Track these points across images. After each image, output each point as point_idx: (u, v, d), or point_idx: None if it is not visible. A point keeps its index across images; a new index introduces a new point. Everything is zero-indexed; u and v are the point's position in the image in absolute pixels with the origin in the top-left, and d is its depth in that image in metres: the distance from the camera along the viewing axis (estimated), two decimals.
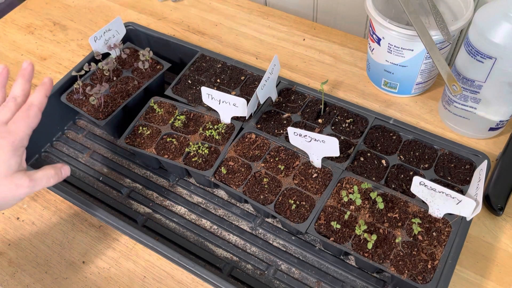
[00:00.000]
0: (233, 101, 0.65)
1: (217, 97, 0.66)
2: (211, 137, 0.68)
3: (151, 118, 0.72)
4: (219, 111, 0.69)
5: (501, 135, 0.70)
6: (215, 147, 0.67)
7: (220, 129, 0.68)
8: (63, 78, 0.76)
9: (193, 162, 0.65)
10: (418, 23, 0.61)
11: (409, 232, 0.56)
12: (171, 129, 0.70)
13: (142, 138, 0.69)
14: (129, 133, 0.69)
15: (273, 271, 0.61)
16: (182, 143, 0.68)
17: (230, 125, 0.69)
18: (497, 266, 0.58)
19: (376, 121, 0.68)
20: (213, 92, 0.66)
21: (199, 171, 0.64)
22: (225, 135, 0.68)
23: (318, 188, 0.61)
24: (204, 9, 0.95)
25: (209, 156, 0.66)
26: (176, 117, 0.70)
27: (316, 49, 0.85)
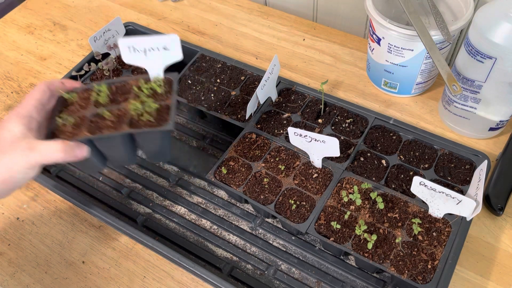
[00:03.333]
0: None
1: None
2: (152, 94, 0.53)
3: (68, 110, 0.54)
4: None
5: (501, 135, 0.70)
6: (161, 103, 0.52)
7: (158, 83, 0.53)
8: (63, 78, 0.76)
9: (143, 122, 0.50)
10: (418, 23, 0.61)
11: (409, 232, 0.56)
12: (95, 107, 0.53)
13: (67, 128, 0.52)
14: (49, 134, 0.52)
15: (273, 271, 0.61)
16: (119, 114, 0.51)
17: (166, 80, 0.54)
18: (497, 266, 0.58)
19: (376, 121, 0.68)
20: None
21: (152, 129, 0.49)
22: (166, 89, 0.53)
23: (318, 188, 0.61)
24: (204, 9, 0.95)
25: (160, 111, 0.51)
26: (96, 92, 0.54)
27: (316, 49, 0.85)
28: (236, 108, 0.72)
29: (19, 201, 0.68)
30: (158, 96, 0.52)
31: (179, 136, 0.77)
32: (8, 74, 0.87)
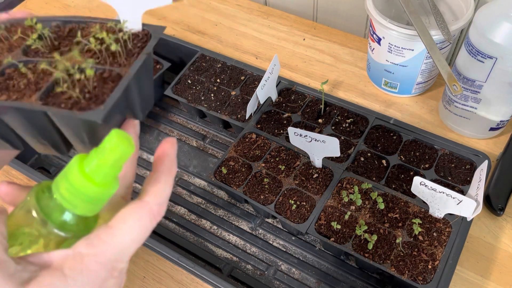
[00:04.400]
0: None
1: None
2: (101, 51, 0.34)
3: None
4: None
5: (502, 135, 0.70)
6: (109, 69, 0.32)
7: (127, 33, 0.34)
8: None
9: (62, 98, 0.30)
10: (419, 23, 0.61)
11: (410, 232, 0.56)
12: (23, 55, 0.35)
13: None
14: None
15: (273, 272, 0.61)
16: (44, 73, 0.33)
17: (142, 33, 0.35)
18: (497, 266, 0.58)
19: (376, 121, 0.68)
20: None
21: (70, 112, 0.28)
22: (131, 49, 0.34)
23: (318, 188, 0.61)
24: (204, 8, 0.95)
25: (99, 84, 0.31)
26: (34, 34, 0.36)
27: (316, 49, 0.85)
28: (236, 108, 0.72)
29: None
30: (116, 58, 0.33)
31: (179, 136, 0.77)
32: None
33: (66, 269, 0.25)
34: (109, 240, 0.27)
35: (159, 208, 0.29)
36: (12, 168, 0.70)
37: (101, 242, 0.27)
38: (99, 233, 0.27)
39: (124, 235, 0.27)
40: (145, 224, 0.28)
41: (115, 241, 0.27)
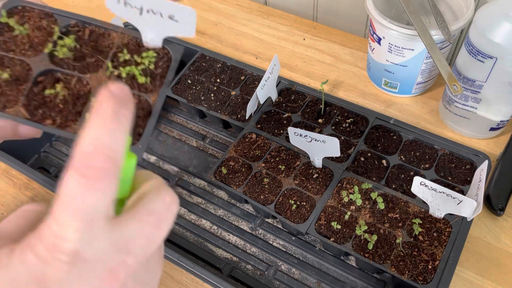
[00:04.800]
0: None
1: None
2: (130, 77, 0.36)
3: (7, 44, 0.38)
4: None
5: (502, 135, 0.70)
6: (143, 97, 0.35)
7: (149, 59, 0.37)
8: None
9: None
10: (419, 23, 0.61)
11: (410, 232, 0.56)
12: (52, 63, 0.37)
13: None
14: None
15: (273, 272, 0.61)
16: (76, 92, 0.36)
17: (163, 52, 0.37)
18: (497, 266, 0.58)
19: (376, 121, 0.68)
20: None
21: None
22: (157, 74, 0.36)
23: (318, 188, 0.61)
24: (203, 8, 0.95)
25: (136, 119, 0.34)
26: (55, 36, 0.38)
27: (316, 49, 0.85)
28: (236, 108, 0.72)
29: (18, 201, 0.68)
30: (147, 78, 0.36)
31: (179, 136, 0.77)
32: None
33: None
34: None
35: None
36: (12, 168, 0.69)
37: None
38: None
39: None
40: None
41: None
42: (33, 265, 0.21)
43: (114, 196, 0.23)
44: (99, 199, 0.22)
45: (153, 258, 0.26)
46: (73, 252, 0.21)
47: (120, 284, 0.23)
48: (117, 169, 0.23)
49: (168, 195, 0.26)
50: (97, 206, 0.22)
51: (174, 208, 0.26)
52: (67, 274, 0.21)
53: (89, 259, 0.22)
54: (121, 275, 0.23)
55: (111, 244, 0.23)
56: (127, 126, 0.24)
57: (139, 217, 0.24)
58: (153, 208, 0.25)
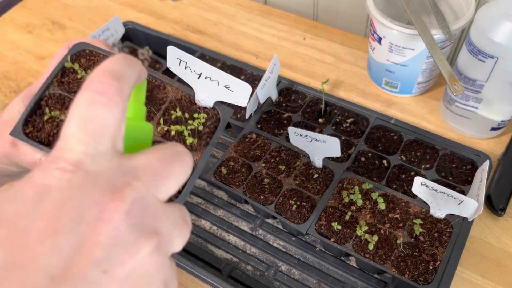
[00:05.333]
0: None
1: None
2: (180, 135, 0.39)
3: (70, 85, 0.40)
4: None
5: (503, 135, 0.69)
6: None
7: (200, 120, 0.39)
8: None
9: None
10: (419, 22, 0.61)
11: (411, 233, 0.56)
12: None
13: (52, 126, 0.39)
14: (29, 116, 0.40)
15: (273, 272, 0.61)
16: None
17: (212, 112, 0.40)
18: (498, 266, 0.58)
19: (377, 121, 0.68)
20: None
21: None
22: (203, 134, 0.39)
23: (319, 188, 0.61)
24: (203, 8, 0.95)
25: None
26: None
27: (317, 49, 0.85)
28: (236, 107, 0.72)
29: None
30: (195, 139, 0.38)
31: None
32: (7, 74, 0.86)
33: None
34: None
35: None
36: None
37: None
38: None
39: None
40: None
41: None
42: (36, 178, 0.21)
43: (121, 123, 0.23)
44: (105, 115, 0.22)
45: (174, 208, 0.24)
46: (76, 162, 0.21)
47: (125, 203, 0.21)
48: (123, 91, 0.23)
49: (179, 146, 0.25)
50: (103, 123, 0.22)
51: (187, 157, 0.24)
52: (68, 182, 0.20)
53: (92, 172, 0.21)
54: (126, 193, 0.21)
55: (117, 166, 0.22)
56: (137, 68, 0.25)
57: (146, 153, 0.23)
58: (161, 148, 0.24)
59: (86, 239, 0.19)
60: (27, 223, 0.19)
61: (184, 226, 0.24)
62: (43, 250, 0.19)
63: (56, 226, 0.19)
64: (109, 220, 0.20)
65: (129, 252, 0.20)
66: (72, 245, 0.19)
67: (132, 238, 0.20)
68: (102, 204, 0.20)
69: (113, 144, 0.22)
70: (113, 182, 0.21)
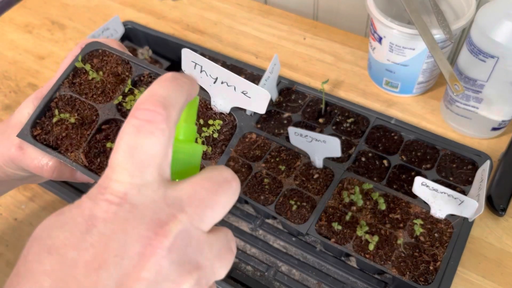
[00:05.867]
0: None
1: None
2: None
3: (81, 87, 0.39)
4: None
5: (504, 135, 0.69)
6: (202, 163, 0.37)
7: (215, 127, 0.38)
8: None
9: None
10: (420, 22, 0.61)
11: (411, 233, 0.56)
12: (118, 112, 0.38)
13: (61, 129, 0.38)
14: (38, 117, 0.38)
15: (273, 273, 0.61)
16: None
17: (229, 118, 0.39)
18: (499, 267, 0.57)
19: (377, 121, 0.68)
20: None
21: None
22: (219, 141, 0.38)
23: (319, 188, 0.61)
24: (203, 7, 0.94)
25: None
26: (126, 89, 0.39)
27: (317, 48, 0.84)
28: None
29: (16, 201, 0.68)
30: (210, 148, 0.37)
31: None
32: (6, 74, 0.86)
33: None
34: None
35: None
36: None
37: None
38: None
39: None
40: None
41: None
42: (85, 207, 0.21)
43: (168, 150, 0.23)
44: (152, 144, 0.22)
45: (218, 236, 0.24)
46: (122, 194, 0.21)
47: (168, 239, 0.21)
48: (171, 118, 0.23)
49: (227, 171, 0.25)
50: (150, 153, 0.22)
51: (234, 184, 0.24)
52: (114, 215, 0.21)
53: (138, 205, 0.21)
54: (170, 228, 0.21)
55: (163, 197, 0.22)
56: (186, 90, 0.24)
57: (193, 181, 0.23)
58: (209, 175, 0.24)
59: (129, 274, 0.20)
60: (75, 255, 0.20)
61: (227, 254, 0.24)
62: (88, 284, 0.19)
63: (101, 260, 0.20)
64: (152, 255, 0.20)
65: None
66: (115, 280, 0.20)
67: (174, 274, 0.21)
68: (146, 239, 0.21)
69: (160, 172, 0.22)
70: (158, 216, 0.21)
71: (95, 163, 0.37)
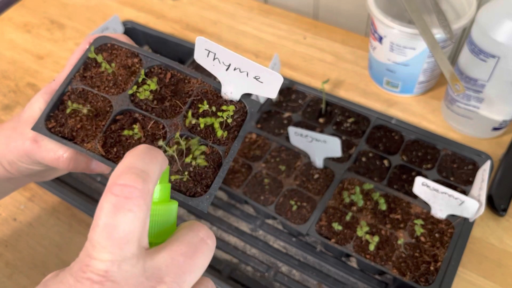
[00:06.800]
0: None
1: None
2: (208, 129, 0.38)
3: (93, 80, 0.40)
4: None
5: (504, 135, 0.69)
6: (216, 148, 0.37)
7: (229, 112, 0.38)
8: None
9: (173, 182, 0.36)
10: (421, 22, 0.60)
11: (412, 233, 0.56)
12: (131, 103, 0.39)
13: (76, 121, 0.38)
14: (52, 111, 0.39)
15: (274, 273, 0.60)
16: (151, 134, 0.38)
17: (239, 106, 0.39)
18: (500, 267, 0.57)
19: (378, 121, 0.68)
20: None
21: (183, 197, 0.36)
22: (231, 127, 0.38)
23: (319, 189, 0.61)
24: (203, 7, 0.94)
25: (206, 169, 0.36)
26: (139, 79, 0.40)
27: (317, 48, 0.84)
28: None
29: (16, 201, 0.67)
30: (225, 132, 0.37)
31: None
32: (5, 73, 0.86)
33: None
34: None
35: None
36: None
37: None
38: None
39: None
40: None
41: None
42: (69, 285, 0.22)
43: (146, 222, 0.24)
44: (130, 222, 0.23)
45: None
46: (104, 272, 0.22)
47: None
48: (148, 191, 0.24)
49: (202, 230, 0.26)
50: (128, 230, 0.23)
51: (209, 242, 0.26)
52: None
53: (119, 282, 0.22)
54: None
55: (142, 270, 0.23)
56: (160, 161, 0.25)
57: (170, 247, 0.24)
58: (185, 238, 0.25)
59: None
60: None
61: None
62: None
63: None
64: None
65: None
66: None
67: None
68: None
69: (138, 244, 0.24)
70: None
71: (111, 152, 0.37)
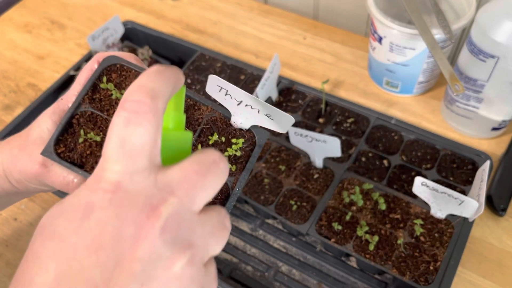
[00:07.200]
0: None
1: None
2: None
3: (102, 103, 0.38)
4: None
5: (504, 135, 0.69)
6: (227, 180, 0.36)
7: (238, 145, 0.38)
8: (61, 78, 0.75)
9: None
10: (420, 22, 0.61)
11: (411, 233, 0.56)
12: None
13: (85, 146, 0.37)
14: (61, 134, 0.37)
15: (274, 273, 0.60)
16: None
17: (248, 135, 0.39)
18: (499, 267, 0.57)
19: (377, 121, 0.68)
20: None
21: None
22: (239, 158, 0.38)
23: (319, 188, 0.61)
24: (203, 7, 0.94)
25: (214, 199, 0.38)
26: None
27: (317, 48, 0.84)
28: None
29: None
30: (234, 166, 0.36)
31: None
32: (6, 74, 0.86)
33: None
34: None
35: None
36: None
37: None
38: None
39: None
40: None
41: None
42: (83, 195, 0.23)
43: (157, 138, 0.24)
44: (141, 135, 0.23)
45: (211, 215, 0.25)
46: (116, 182, 0.23)
47: (160, 221, 0.22)
48: (157, 107, 0.24)
49: (215, 154, 0.26)
50: (139, 143, 0.23)
51: (222, 165, 0.25)
52: (109, 202, 0.23)
53: (130, 191, 0.23)
54: (161, 211, 0.23)
55: (154, 183, 0.23)
56: (172, 81, 0.25)
57: (182, 165, 0.24)
58: (198, 158, 0.25)
59: (125, 255, 0.22)
60: (75, 239, 0.22)
61: (221, 231, 0.25)
62: (88, 264, 0.21)
63: (99, 242, 0.22)
64: (146, 237, 0.22)
65: (164, 266, 0.22)
66: (113, 260, 0.22)
67: (167, 253, 0.22)
68: (139, 222, 0.22)
69: (150, 159, 0.24)
70: (149, 200, 0.23)
71: None
